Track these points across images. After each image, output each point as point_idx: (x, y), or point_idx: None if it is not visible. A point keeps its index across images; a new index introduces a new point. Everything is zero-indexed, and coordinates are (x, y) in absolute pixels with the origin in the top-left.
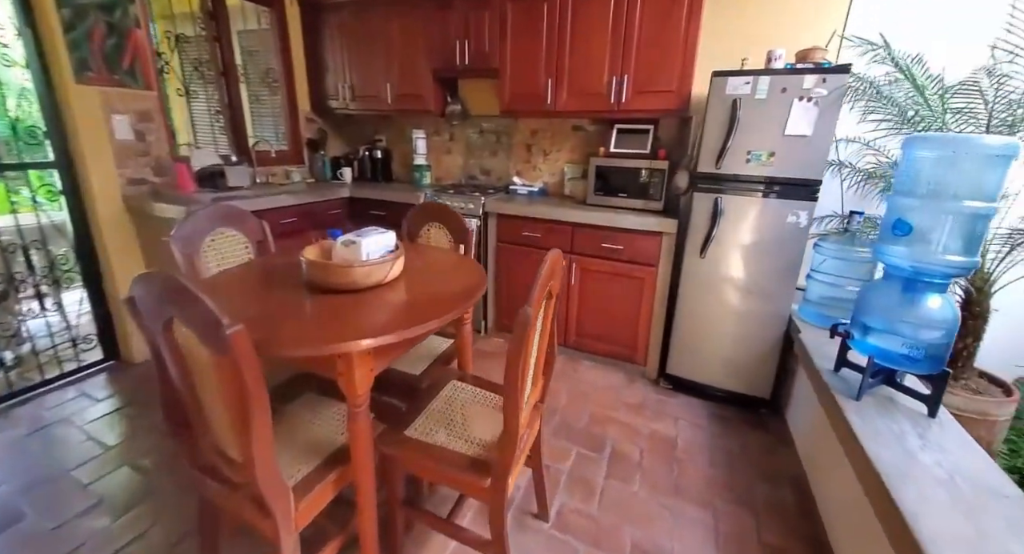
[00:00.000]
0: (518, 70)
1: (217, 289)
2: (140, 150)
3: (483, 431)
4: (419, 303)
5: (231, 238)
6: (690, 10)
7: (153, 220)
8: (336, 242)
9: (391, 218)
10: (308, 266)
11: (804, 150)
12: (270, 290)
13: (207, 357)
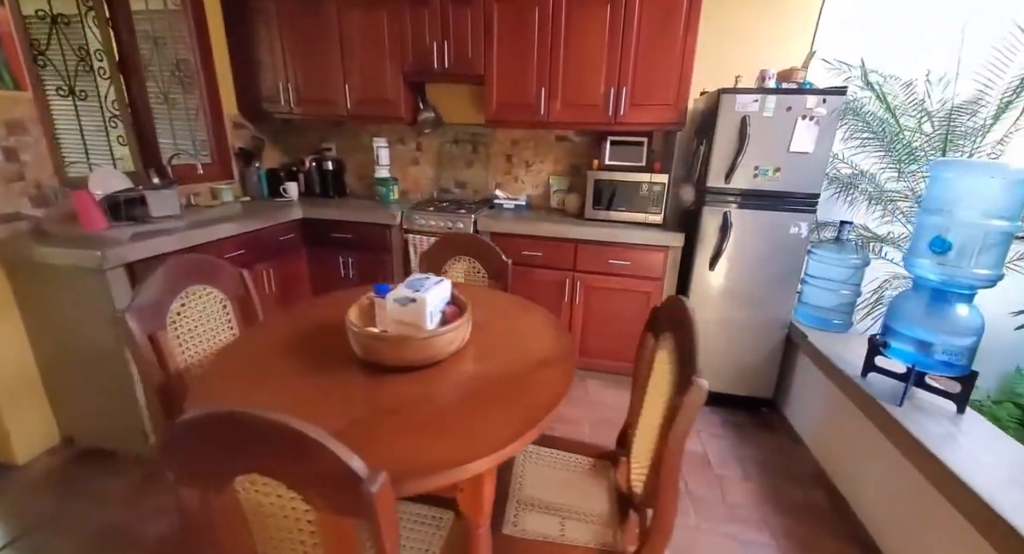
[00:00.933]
0: (507, 78)
1: (235, 387)
2: (11, 174)
3: (592, 505)
4: (518, 377)
5: (204, 298)
6: (687, 22)
7: (41, 271)
8: (387, 299)
9: (359, 242)
10: (368, 340)
11: (806, 165)
12: (315, 377)
13: (315, 524)
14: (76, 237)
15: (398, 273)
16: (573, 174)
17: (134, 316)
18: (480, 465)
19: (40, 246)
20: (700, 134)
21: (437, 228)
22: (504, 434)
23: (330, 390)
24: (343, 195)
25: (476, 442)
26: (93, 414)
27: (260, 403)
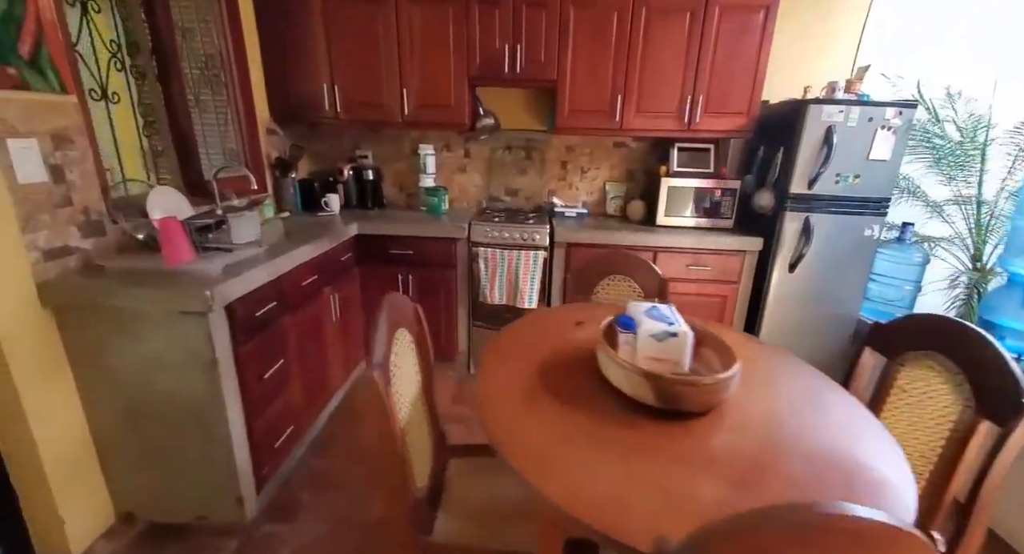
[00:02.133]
0: (581, 84)
1: (532, 443)
2: (59, 198)
3: None
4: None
5: (401, 341)
6: (763, 35)
7: (107, 317)
8: (639, 334)
9: (420, 258)
10: (673, 385)
11: (882, 172)
12: (606, 426)
13: None
14: (156, 273)
15: (462, 290)
16: (629, 180)
17: (379, 371)
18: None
19: (122, 287)
20: (767, 141)
21: (511, 241)
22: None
23: (628, 440)
24: (381, 206)
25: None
26: (160, 482)
27: (573, 460)
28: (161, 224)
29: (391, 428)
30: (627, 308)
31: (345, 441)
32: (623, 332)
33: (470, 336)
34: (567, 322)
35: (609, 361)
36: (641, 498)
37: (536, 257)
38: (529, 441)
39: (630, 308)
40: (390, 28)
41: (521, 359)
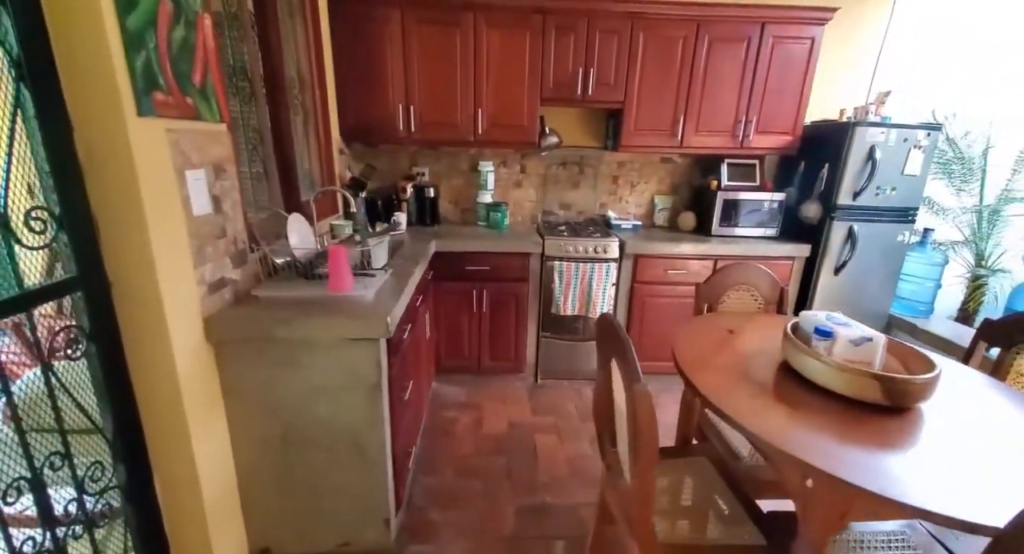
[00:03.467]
0: (646, 105)
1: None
2: (218, 229)
3: None
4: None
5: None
6: (808, 63)
7: (272, 349)
8: (837, 340)
9: (495, 273)
10: (890, 383)
11: (913, 185)
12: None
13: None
14: (318, 301)
15: (532, 302)
16: (674, 193)
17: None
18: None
19: (295, 318)
20: (809, 157)
21: (584, 254)
22: None
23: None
24: (438, 222)
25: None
26: (302, 513)
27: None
28: (332, 252)
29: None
30: (805, 319)
31: (445, 458)
32: (821, 339)
33: (538, 347)
34: (719, 331)
35: (813, 360)
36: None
37: (608, 268)
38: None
39: (808, 318)
40: (468, 51)
41: (705, 355)
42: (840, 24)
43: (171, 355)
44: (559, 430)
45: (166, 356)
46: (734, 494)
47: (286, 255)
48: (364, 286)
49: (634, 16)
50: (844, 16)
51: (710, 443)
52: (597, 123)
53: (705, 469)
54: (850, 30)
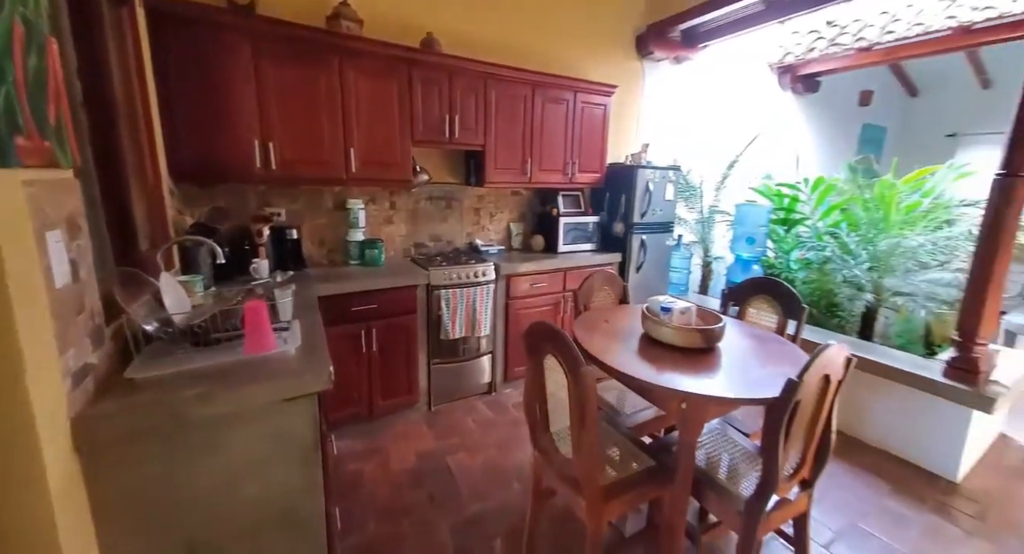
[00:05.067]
0: (502, 149)
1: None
2: (78, 302)
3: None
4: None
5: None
6: (603, 123)
7: (180, 440)
8: (674, 311)
9: (384, 310)
10: (707, 332)
11: (669, 207)
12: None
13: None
14: (244, 366)
15: (421, 332)
16: (524, 220)
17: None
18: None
19: (222, 389)
20: (611, 189)
21: (467, 280)
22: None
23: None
24: (303, 266)
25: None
26: None
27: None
28: (252, 310)
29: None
30: (651, 303)
31: (365, 510)
32: (666, 314)
33: (430, 375)
34: (599, 321)
35: (663, 327)
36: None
37: (488, 290)
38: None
39: (653, 303)
40: (334, 91)
41: (597, 339)
42: (619, 95)
43: (43, 480)
44: (466, 446)
45: (36, 485)
46: (627, 440)
47: (151, 322)
48: (284, 341)
49: (487, 76)
50: (621, 91)
51: (600, 410)
52: (458, 161)
53: (608, 430)
54: (624, 100)
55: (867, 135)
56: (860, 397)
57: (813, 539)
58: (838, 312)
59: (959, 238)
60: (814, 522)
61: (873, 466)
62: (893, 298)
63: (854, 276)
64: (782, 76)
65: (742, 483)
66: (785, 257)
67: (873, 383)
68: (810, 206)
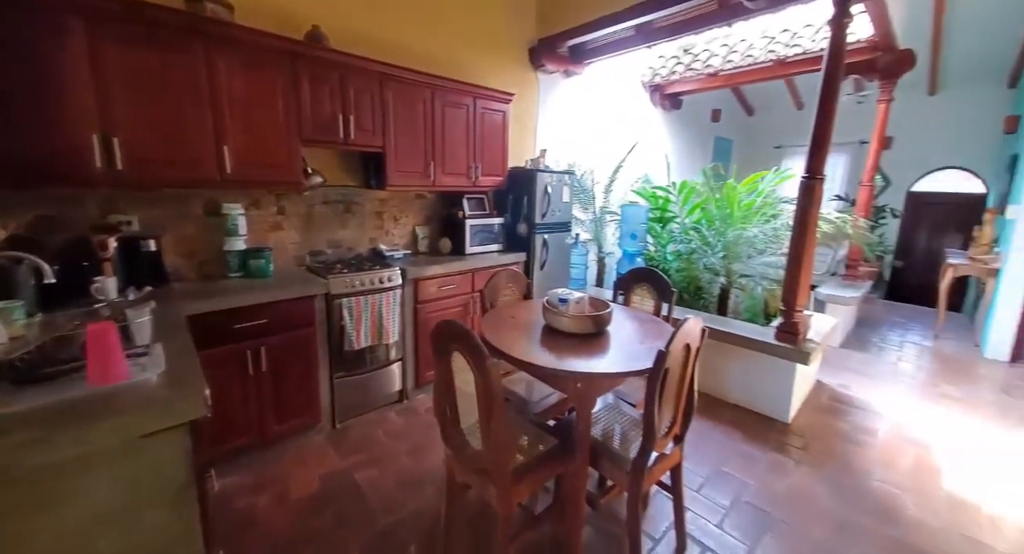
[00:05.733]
0: (403, 151)
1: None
2: None
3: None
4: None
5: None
6: (503, 129)
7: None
8: (571, 302)
9: (277, 325)
10: (597, 318)
11: (566, 208)
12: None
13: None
14: (89, 401)
15: (322, 346)
16: (429, 223)
17: None
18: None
19: (62, 431)
20: (514, 191)
21: (372, 286)
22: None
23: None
24: (165, 282)
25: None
26: None
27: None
28: (95, 333)
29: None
30: (550, 296)
31: (260, 550)
32: (564, 304)
33: (333, 390)
34: (505, 317)
35: (561, 317)
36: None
37: (395, 295)
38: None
39: (552, 295)
40: (199, 82)
41: (503, 334)
42: (517, 103)
43: None
44: (376, 460)
45: None
46: (534, 426)
47: None
48: (142, 368)
49: (384, 76)
50: (518, 99)
51: (509, 401)
52: (357, 164)
53: (516, 419)
54: (522, 108)
55: (719, 146)
56: (718, 363)
57: (687, 486)
58: (703, 294)
59: (781, 229)
60: (687, 471)
61: (731, 419)
62: (740, 279)
63: (711, 263)
64: (653, 94)
65: (632, 447)
66: (663, 250)
67: (727, 350)
68: (678, 206)
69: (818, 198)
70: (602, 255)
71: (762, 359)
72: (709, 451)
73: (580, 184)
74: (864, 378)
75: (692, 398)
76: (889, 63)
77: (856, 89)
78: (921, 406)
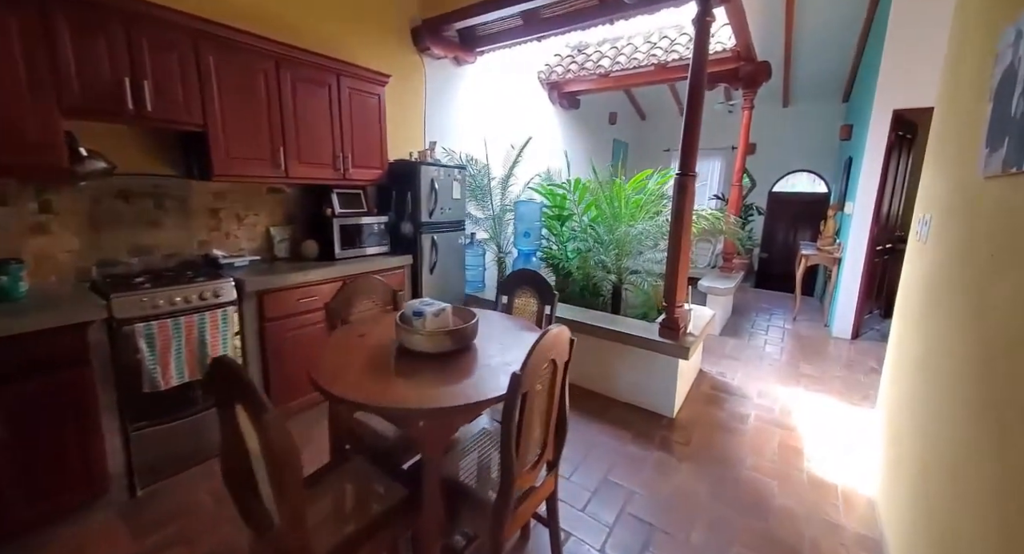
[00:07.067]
0: (237, 133)
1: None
2: None
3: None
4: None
5: None
6: (379, 111)
7: None
8: (426, 316)
9: (21, 370)
10: (457, 333)
11: (458, 206)
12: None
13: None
14: None
15: (106, 390)
16: (290, 222)
17: None
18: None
19: None
20: (397, 187)
21: (187, 305)
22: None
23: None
24: None
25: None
26: None
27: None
28: None
29: None
30: (406, 308)
31: None
32: (418, 319)
33: (129, 447)
34: (352, 338)
35: (413, 334)
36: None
37: (225, 315)
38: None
39: (410, 306)
40: None
41: (338, 360)
42: (401, 90)
43: None
44: (190, 533)
45: None
46: (380, 473)
47: None
48: None
49: (198, 34)
50: (403, 86)
51: (363, 441)
52: (170, 147)
53: (361, 467)
54: (407, 94)
55: (617, 148)
56: (609, 362)
57: (572, 505)
58: (599, 292)
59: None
60: (573, 487)
61: (621, 418)
62: (630, 276)
63: (603, 261)
64: (551, 92)
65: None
66: (564, 247)
67: (618, 349)
68: (575, 203)
69: (691, 194)
70: (502, 255)
71: (648, 356)
72: (598, 458)
73: (475, 180)
74: (738, 363)
75: (564, 418)
76: (749, 73)
77: (726, 98)
78: (784, 387)
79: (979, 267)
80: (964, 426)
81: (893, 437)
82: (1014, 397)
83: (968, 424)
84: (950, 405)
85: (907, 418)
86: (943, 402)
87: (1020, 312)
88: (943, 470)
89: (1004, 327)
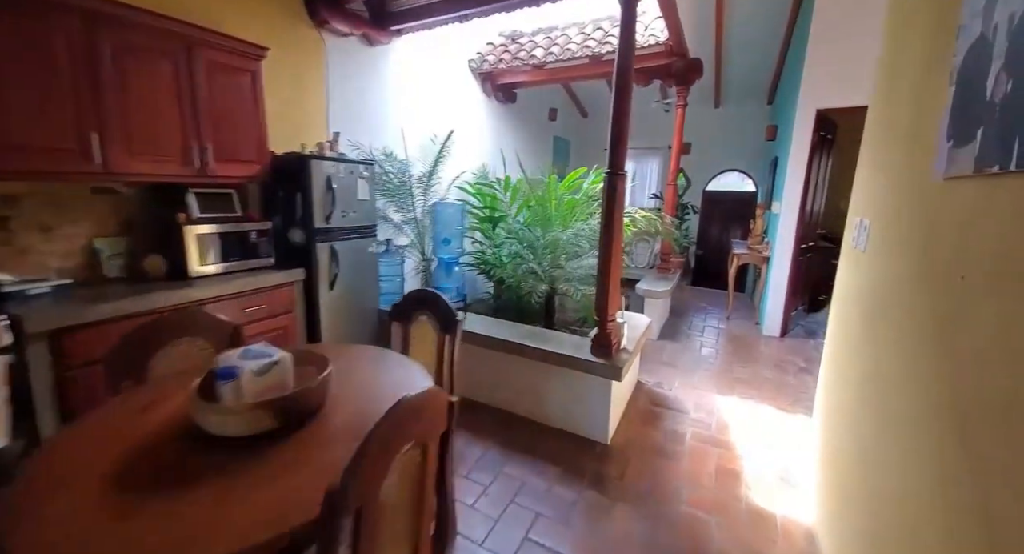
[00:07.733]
0: (16, 110)
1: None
2: None
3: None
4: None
5: None
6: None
7: None
8: (243, 376)
9: None
10: (280, 402)
11: (367, 207)
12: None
13: None
14: None
15: None
16: (128, 233)
17: None
18: None
19: None
20: (284, 186)
21: None
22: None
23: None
24: None
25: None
26: None
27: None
28: None
29: None
30: (218, 361)
31: None
32: (225, 383)
33: None
34: (127, 414)
35: (213, 413)
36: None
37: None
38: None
39: (222, 360)
40: None
41: (87, 466)
42: (293, 70)
43: None
44: None
45: None
46: None
47: None
48: None
49: None
50: (298, 65)
51: None
52: None
53: None
54: (302, 76)
55: (558, 146)
56: (538, 383)
57: None
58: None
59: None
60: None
61: (549, 451)
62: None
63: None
64: (484, 83)
65: None
66: (497, 251)
67: (547, 369)
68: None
69: (621, 194)
70: (426, 262)
71: (580, 377)
72: (520, 510)
73: (392, 178)
74: (676, 371)
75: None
76: (682, 69)
77: (662, 96)
78: (720, 396)
79: (945, 291)
80: (915, 464)
81: (830, 459)
82: (995, 454)
83: (921, 461)
84: (896, 438)
85: (849, 441)
86: (888, 431)
87: (1008, 353)
88: (891, 503)
89: (986, 374)
